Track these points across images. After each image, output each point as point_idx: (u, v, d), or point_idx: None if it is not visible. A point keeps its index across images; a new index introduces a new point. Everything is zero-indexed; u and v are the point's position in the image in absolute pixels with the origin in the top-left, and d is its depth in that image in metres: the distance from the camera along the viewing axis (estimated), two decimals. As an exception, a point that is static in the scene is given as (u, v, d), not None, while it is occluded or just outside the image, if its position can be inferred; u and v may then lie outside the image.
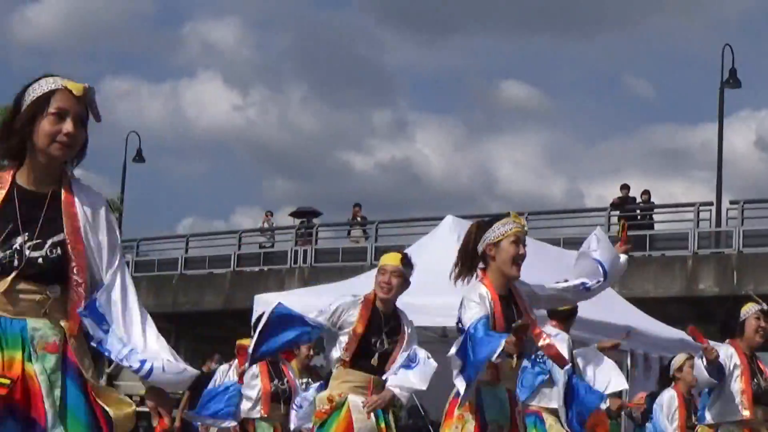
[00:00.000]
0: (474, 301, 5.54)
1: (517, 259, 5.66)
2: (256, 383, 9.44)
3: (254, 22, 69.14)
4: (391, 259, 7.27)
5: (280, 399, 9.40)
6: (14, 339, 3.55)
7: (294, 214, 32.33)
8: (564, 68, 68.27)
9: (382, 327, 7.11)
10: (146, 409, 3.90)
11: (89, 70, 61.88)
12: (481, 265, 5.82)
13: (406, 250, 14.60)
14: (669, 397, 9.89)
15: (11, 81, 3.71)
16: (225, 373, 10.34)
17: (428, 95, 70.59)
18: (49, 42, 60.04)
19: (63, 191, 3.74)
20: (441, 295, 10.71)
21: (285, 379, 9.53)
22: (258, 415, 9.40)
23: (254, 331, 7.41)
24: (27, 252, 3.60)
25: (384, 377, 7.03)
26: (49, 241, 3.64)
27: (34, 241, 3.62)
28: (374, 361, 7.03)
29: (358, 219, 29.98)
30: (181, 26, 74.31)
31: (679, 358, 10.13)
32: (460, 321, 5.62)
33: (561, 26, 65.31)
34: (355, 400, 6.96)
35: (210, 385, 10.15)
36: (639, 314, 15.19)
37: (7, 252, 3.59)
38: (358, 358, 7.03)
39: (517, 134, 69.79)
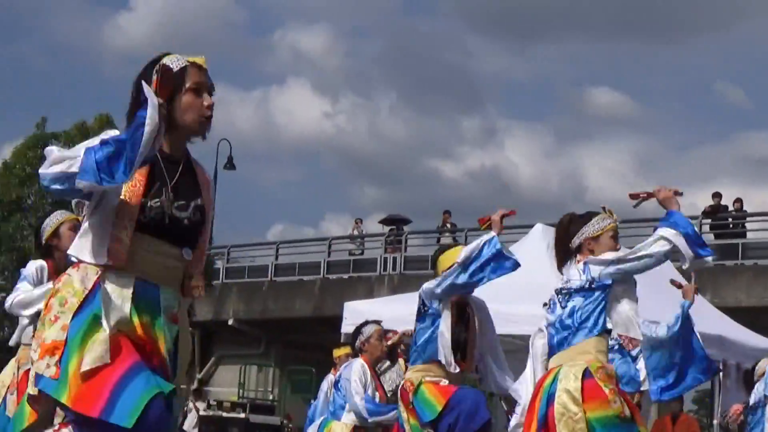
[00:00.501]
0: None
1: None
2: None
3: (344, 29, 69.67)
4: None
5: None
6: (148, 305, 3.74)
7: (383, 222, 32.39)
8: (654, 75, 67.81)
9: None
10: (236, 415, 4.10)
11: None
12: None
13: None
14: None
15: (103, 87, 3.80)
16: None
17: (517, 102, 70.57)
18: (140, 50, 61.03)
19: (192, 160, 3.99)
20: (529, 303, 10.66)
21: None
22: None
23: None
24: (174, 212, 3.77)
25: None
26: (192, 204, 3.83)
27: (180, 202, 3.79)
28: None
29: (448, 226, 29.91)
30: (272, 34, 74.86)
31: (762, 364, 9.94)
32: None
33: (651, 32, 64.90)
34: None
35: (320, 397, 10.23)
36: (731, 323, 14.95)
37: (155, 211, 3.73)
38: None
39: (607, 141, 69.41)
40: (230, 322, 29.53)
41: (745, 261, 24.86)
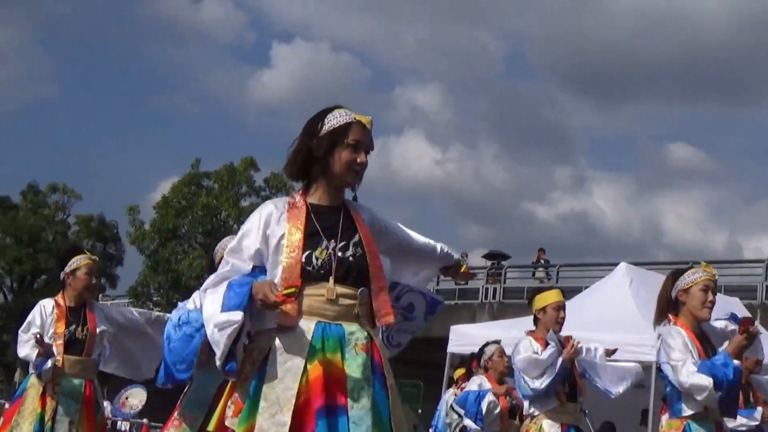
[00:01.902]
0: (677, 347, 5.25)
1: (706, 304, 5.41)
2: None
3: (455, 89, 69.82)
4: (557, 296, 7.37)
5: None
6: (334, 342, 3.49)
7: (486, 256, 32.25)
8: (726, 132, 66.73)
9: None
10: None
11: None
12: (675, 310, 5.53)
13: (584, 292, 14.48)
14: None
15: (248, 133, 3.85)
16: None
17: (604, 154, 69.88)
18: (279, 103, 61.81)
19: (347, 204, 3.78)
20: (614, 332, 10.63)
21: None
22: None
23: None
24: (338, 253, 3.58)
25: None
26: (351, 242, 3.62)
27: (340, 244, 3.59)
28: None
29: (542, 262, 29.77)
30: (392, 91, 75.51)
31: None
32: (663, 362, 5.34)
33: (726, 95, 63.85)
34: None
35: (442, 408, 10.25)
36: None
37: (323, 256, 3.56)
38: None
39: (683, 191, 68.31)
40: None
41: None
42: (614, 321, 11.76)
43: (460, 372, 10.67)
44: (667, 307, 5.58)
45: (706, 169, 65.56)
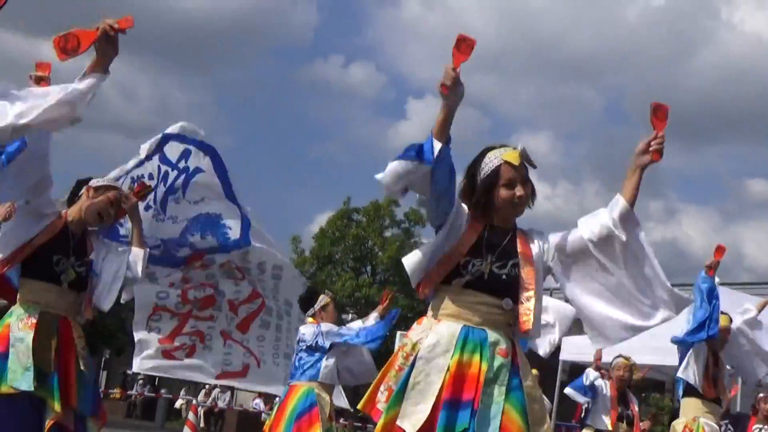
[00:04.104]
0: None
1: None
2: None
3: (561, 135, 69.08)
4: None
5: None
6: (474, 345, 3.31)
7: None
8: (804, 169, 64.37)
9: None
10: None
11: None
12: None
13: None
14: None
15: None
16: None
17: (691, 189, 67.99)
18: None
19: (517, 232, 3.53)
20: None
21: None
22: None
23: None
24: (494, 269, 3.37)
25: None
26: (510, 263, 3.40)
27: (498, 262, 3.39)
28: None
29: (639, 282, 29.16)
30: (509, 138, 74.91)
31: None
32: None
33: (803, 134, 61.73)
34: None
35: None
36: None
37: (476, 269, 3.36)
38: None
39: (762, 221, 66.18)
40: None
41: None
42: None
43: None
44: None
45: (783, 202, 63.54)
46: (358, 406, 3.47)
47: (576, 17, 61.24)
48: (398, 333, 15.24)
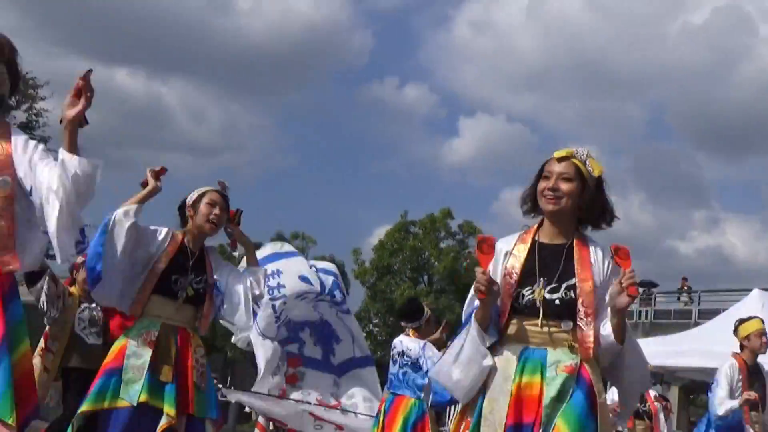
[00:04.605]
0: None
1: None
2: None
3: (606, 149, 68.56)
4: None
5: None
6: (534, 365, 3.11)
7: (639, 284, 31.62)
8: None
9: None
10: None
11: (494, 183, 63.51)
12: None
13: (722, 314, 14.07)
14: None
15: (444, 190, 3.44)
16: None
17: (734, 199, 67.10)
18: (467, 164, 61.89)
19: (575, 243, 3.23)
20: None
21: None
22: None
23: None
24: (546, 295, 3.14)
25: None
26: (564, 285, 3.15)
27: (551, 285, 3.15)
28: None
29: (685, 288, 29.01)
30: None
31: None
32: None
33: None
34: None
35: None
36: None
37: (527, 299, 3.15)
38: None
39: (802, 227, 65.17)
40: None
41: None
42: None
43: None
44: None
45: (822, 207, 62.30)
46: None
47: (618, 34, 61.06)
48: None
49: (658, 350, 12.89)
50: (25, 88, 16.14)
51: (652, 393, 9.03)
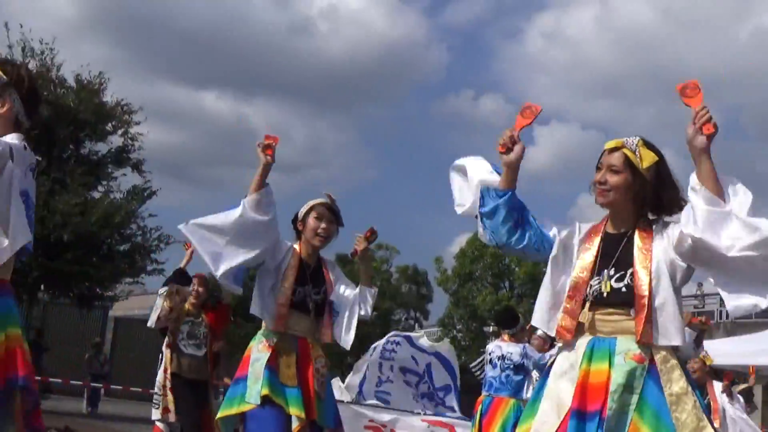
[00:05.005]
0: None
1: None
2: None
3: (684, 153, 66.89)
4: None
5: None
6: (602, 353, 2.99)
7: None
8: None
9: None
10: None
11: (571, 190, 62.84)
12: None
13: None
14: None
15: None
16: None
17: (817, 197, 65.40)
18: (542, 172, 61.30)
19: (637, 232, 3.08)
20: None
21: None
22: None
23: None
24: (612, 284, 3.02)
25: None
26: (627, 272, 3.00)
27: (617, 274, 3.03)
28: None
29: (767, 288, 28.25)
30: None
31: None
32: None
33: None
34: None
35: None
36: None
37: (594, 288, 3.05)
38: None
39: None
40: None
41: None
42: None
43: None
44: None
45: None
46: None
47: (690, 39, 59.82)
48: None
49: (741, 349, 12.68)
50: (121, 114, 16.64)
51: (717, 387, 8.95)
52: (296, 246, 4.50)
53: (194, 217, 4.08)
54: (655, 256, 3.00)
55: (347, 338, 4.42)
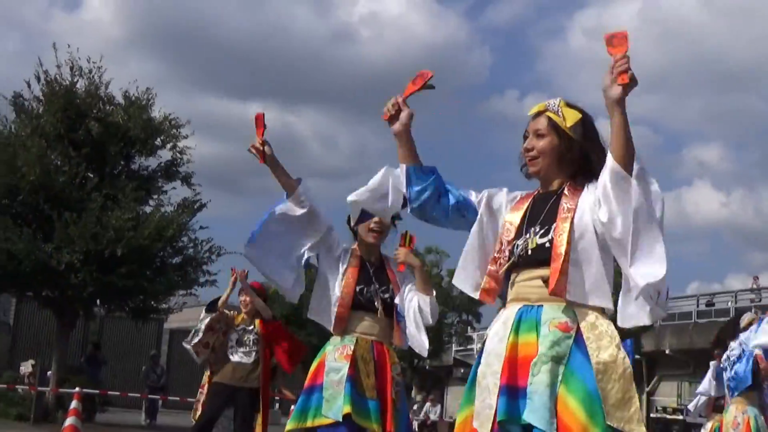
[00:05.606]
0: None
1: None
2: None
3: (731, 144, 66.50)
4: None
5: None
6: (529, 324, 2.72)
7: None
8: None
9: None
10: (676, 417, 2.78)
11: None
12: None
13: None
14: None
15: None
16: None
17: None
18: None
19: (566, 188, 2.85)
20: None
21: None
22: None
23: None
24: (538, 240, 2.77)
25: None
26: (552, 227, 2.76)
27: (542, 230, 2.79)
28: None
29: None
30: (680, 151, 73.38)
31: (747, 316, 7.75)
32: None
33: None
34: None
35: None
36: None
37: (524, 244, 2.83)
38: None
39: None
40: (667, 351, 28.64)
41: None
42: None
43: None
44: None
45: None
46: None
47: (735, 30, 59.02)
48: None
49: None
50: (169, 129, 16.79)
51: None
52: (354, 246, 4.43)
53: (244, 228, 4.03)
54: (579, 209, 2.77)
55: (423, 348, 4.14)
